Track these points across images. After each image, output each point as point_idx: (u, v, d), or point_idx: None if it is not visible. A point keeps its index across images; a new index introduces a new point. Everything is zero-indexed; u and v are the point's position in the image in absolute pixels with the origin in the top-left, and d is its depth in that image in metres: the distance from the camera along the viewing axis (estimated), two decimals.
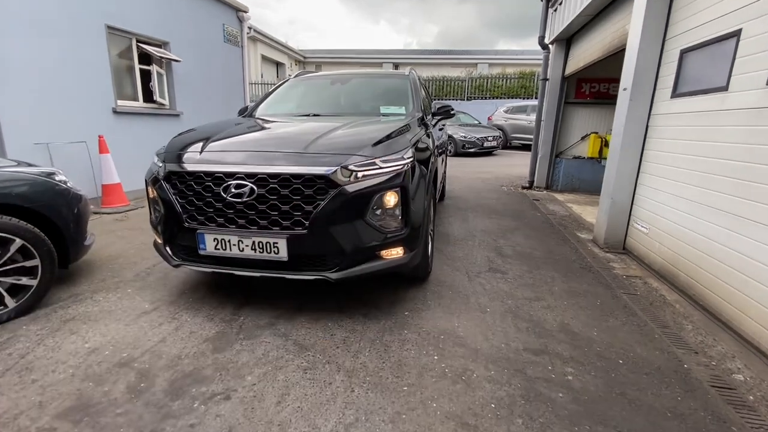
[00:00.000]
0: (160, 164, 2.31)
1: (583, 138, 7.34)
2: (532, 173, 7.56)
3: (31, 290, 2.38)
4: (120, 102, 5.60)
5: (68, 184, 2.70)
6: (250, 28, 15.03)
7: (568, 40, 6.83)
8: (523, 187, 7.47)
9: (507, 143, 13.62)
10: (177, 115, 6.58)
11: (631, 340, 2.24)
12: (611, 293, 2.88)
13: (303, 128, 2.64)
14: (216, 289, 2.73)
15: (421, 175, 2.42)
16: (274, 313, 2.40)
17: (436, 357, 1.99)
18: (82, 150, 4.92)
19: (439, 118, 3.62)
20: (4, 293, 2.28)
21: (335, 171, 2.03)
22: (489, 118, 14.22)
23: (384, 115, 3.19)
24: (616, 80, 7.14)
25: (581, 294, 2.83)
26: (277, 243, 2.07)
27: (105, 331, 2.21)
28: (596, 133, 7.18)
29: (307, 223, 2.05)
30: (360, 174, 2.07)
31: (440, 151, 4.04)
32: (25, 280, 2.35)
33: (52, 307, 2.47)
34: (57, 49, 4.63)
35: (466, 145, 11.57)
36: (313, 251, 2.12)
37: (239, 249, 2.12)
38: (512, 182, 7.97)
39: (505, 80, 16.48)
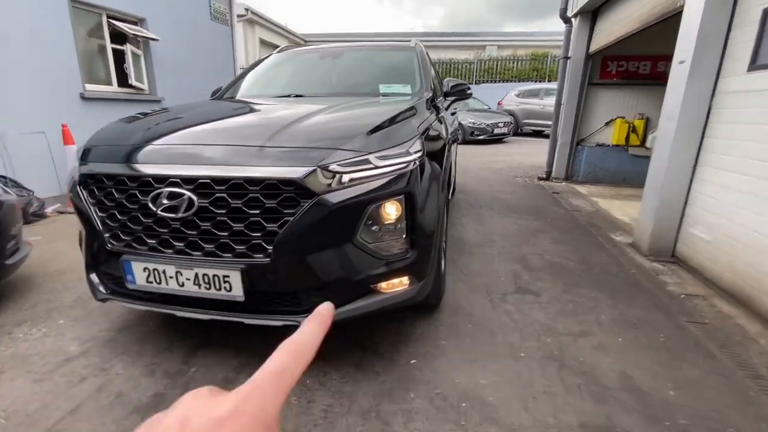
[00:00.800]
0: (77, 163, 1.69)
1: (607, 123, 6.60)
2: (550, 163, 6.86)
3: None
4: (90, 86, 4.97)
5: None
6: (247, 9, 14.22)
7: (594, 12, 6.05)
8: (540, 178, 6.79)
9: (518, 129, 12.83)
10: (158, 101, 5.94)
11: (722, 403, 1.62)
12: (674, 322, 2.24)
13: (274, 113, 2.00)
14: (167, 322, 2.13)
15: (434, 175, 1.78)
16: (235, 362, 1.80)
17: None
18: (41, 141, 4.31)
19: (453, 99, 2.95)
20: None
21: (310, 173, 1.40)
22: (499, 103, 13.40)
23: (384, 95, 2.53)
24: (649, 57, 6.38)
25: (636, 324, 2.20)
26: (228, 276, 1.45)
27: (6, 390, 1.63)
28: (622, 117, 6.44)
29: (269, 248, 1.43)
30: (347, 177, 1.44)
31: (453, 139, 3.38)
32: None
33: None
34: (9, 25, 3.99)
35: (475, 132, 10.83)
36: (280, 287, 1.51)
37: (178, 283, 1.51)
38: (527, 173, 7.28)
39: (516, 62, 15.57)
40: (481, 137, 10.89)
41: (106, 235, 1.60)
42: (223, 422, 0.20)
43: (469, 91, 2.93)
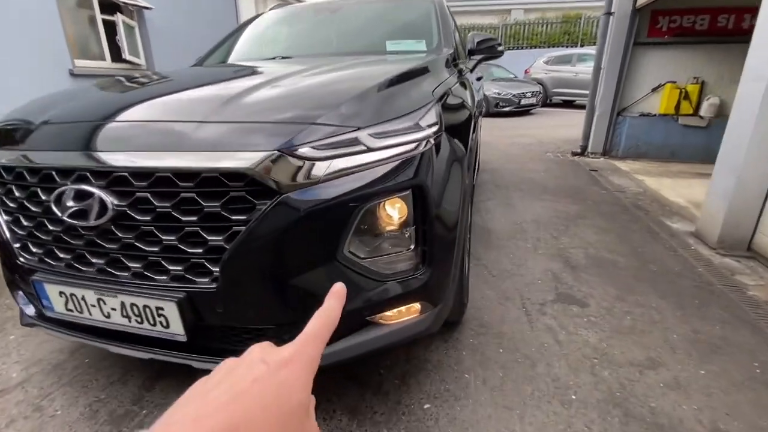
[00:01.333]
0: None
1: (654, 90, 5.78)
2: (586, 136, 6.14)
3: None
4: (79, 62, 4.60)
5: None
6: None
7: None
8: (574, 154, 6.11)
9: (547, 99, 11.87)
10: None
11: None
12: (767, 344, 1.72)
13: (237, 79, 1.52)
14: None
15: (456, 157, 1.28)
16: None
17: None
18: None
19: (479, 59, 2.37)
20: None
21: (267, 161, 0.93)
22: (526, 71, 12.39)
23: (391, 53, 2.01)
24: (708, 10, 5.45)
25: (719, 347, 1.69)
26: (162, 309, 1.03)
27: None
28: (673, 82, 5.62)
29: (215, 270, 1.00)
30: (324, 165, 0.97)
31: (481, 111, 2.81)
32: None
33: None
34: None
35: (501, 103, 10.02)
36: (235, 321, 1.08)
37: (103, 313, 1.10)
38: (559, 147, 6.59)
39: (545, 26, 14.33)
40: (506, 109, 10.08)
41: (16, 246, 1.20)
42: (289, 361, 0.28)
43: (500, 48, 2.35)
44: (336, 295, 0.36)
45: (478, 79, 3.17)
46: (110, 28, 5.00)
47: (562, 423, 1.30)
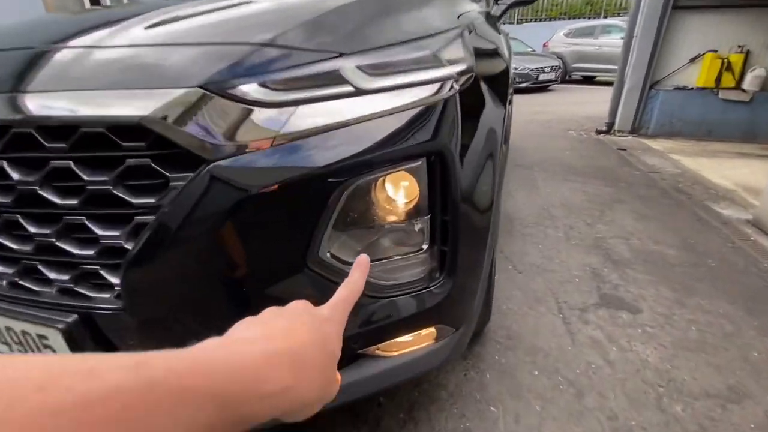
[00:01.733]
0: None
1: (693, 60, 5.21)
2: (614, 112, 5.61)
3: None
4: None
5: None
6: None
7: None
8: (599, 132, 5.61)
9: (566, 75, 11.18)
10: None
11: None
12: None
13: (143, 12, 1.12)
14: None
15: (492, 116, 0.88)
16: None
17: None
18: None
19: (509, 3, 1.90)
20: None
21: (182, 103, 0.55)
22: (545, 45, 11.65)
23: None
24: None
25: None
26: (46, 338, 0.68)
27: None
28: (714, 51, 5.04)
29: (116, 281, 0.64)
30: (283, 114, 0.59)
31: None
32: None
33: None
34: None
35: (517, 79, 9.40)
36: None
37: None
38: (582, 125, 6.08)
39: None
40: (523, 84, 9.47)
41: None
42: (327, 319, 0.33)
43: None
44: (360, 267, 0.42)
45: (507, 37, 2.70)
46: None
47: None
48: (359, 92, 0.62)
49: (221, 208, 0.58)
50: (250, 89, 0.57)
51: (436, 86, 0.69)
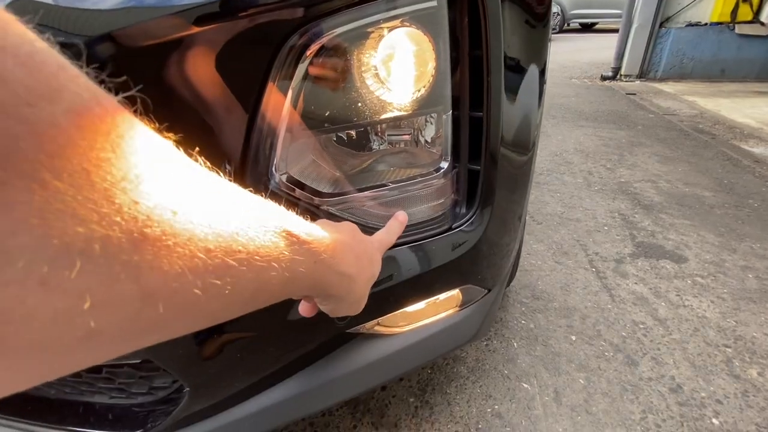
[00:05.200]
0: None
1: None
2: (620, 55, 5.21)
3: None
4: None
5: None
6: None
7: None
8: (604, 78, 5.24)
9: (564, 23, 10.55)
10: None
11: None
12: None
13: None
14: None
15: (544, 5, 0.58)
16: None
17: None
18: None
19: None
20: None
21: None
22: None
23: None
24: None
25: None
26: None
27: None
28: None
29: None
30: None
31: None
32: None
33: None
34: None
35: None
36: None
37: None
38: (585, 72, 5.70)
39: None
40: None
41: None
42: (371, 242, 0.39)
43: None
44: (398, 220, 0.45)
45: None
46: None
47: None
48: None
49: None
50: None
51: None
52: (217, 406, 0.49)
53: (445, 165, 0.47)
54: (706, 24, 4.83)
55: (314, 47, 0.35)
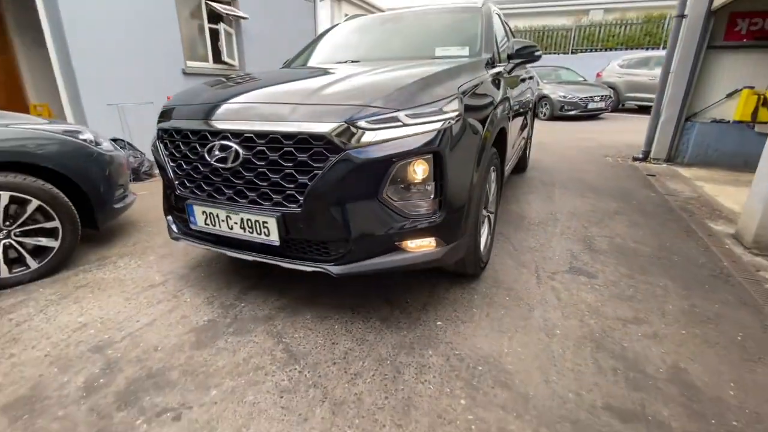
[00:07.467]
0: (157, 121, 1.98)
1: (730, 95, 5.55)
2: (650, 141, 6.02)
3: (53, 252, 2.31)
4: (189, 63, 5.62)
5: (96, 144, 2.56)
6: None
7: None
8: (635, 159, 6.03)
9: (620, 104, 11.39)
10: None
11: None
12: (761, 322, 1.91)
13: (320, 76, 2.07)
14: (228, 266, 2.43)
15: (474, 137, 1.71)
16: (278, 302, 2.00)
17: (462, 401, 1.39)
18: (151, 111, 5.04)
19: (517, 62, 2.74)
20: (26, 254, 2.23)
21: (336, 128, 1.46)
22: (598, 75, 11.97)
23: (439, 57, 2.46)
24: None
25: (710, 319, 1.91)
26: (267, 222, 1.61)
27: (105, 303, 2.04)
28: (751, 87, 5.35)
29: (301, 199, 1.55)
30: (373, 134, 1.47)
31: (521, 109, 3.16)
32: (45, 242, 2.28)
33: (74, 270, 2.41)
34: (127, 10, 4.67)
35: (565, 107, 9.89)
36: (309, 235, 1.62)
37: (228, 226, 1.72)
38: (620, 152, 6.51)
39: (623, 27, 13.65)
40: (572, 112, 9.92)
41: (176, 182, 1.87)
42: None
43: (537, 53, 2.69)
44: None
45: (524, 80, 3.48)
46: (213, 35, 6.00)
47: (541, 345, 1.68)
48: (404, 125, 1.49)
49: (347, 169, 1.47)
50: (361, 123, 1.47)
51: (440, 122, 1.54)
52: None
53: (431, 197, 1.59)
54: (729, 121, 5.55)
55: (405, 161, 1.50)
